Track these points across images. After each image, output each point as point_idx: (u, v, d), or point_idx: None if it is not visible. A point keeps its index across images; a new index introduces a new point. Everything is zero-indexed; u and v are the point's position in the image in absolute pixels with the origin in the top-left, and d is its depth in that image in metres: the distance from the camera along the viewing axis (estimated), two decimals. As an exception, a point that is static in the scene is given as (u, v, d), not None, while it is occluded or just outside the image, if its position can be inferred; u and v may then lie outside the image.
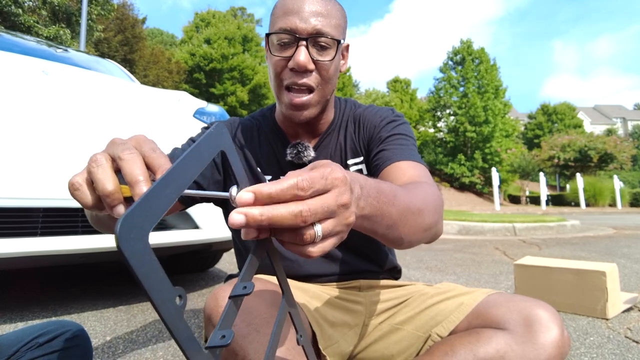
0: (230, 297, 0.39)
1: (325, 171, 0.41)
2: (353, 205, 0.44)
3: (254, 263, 0.43)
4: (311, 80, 0.83)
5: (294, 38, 0.81)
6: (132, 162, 0.45)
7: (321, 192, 0.41)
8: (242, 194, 0.38)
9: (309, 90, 0.85)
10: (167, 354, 1.29)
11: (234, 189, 0.41)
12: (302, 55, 0.81)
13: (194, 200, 0.94)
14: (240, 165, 0.47)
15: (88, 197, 0.48)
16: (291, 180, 0.39)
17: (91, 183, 0.47)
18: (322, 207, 0.40)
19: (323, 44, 0.83)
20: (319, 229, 0.40)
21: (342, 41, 0.86)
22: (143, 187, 0.44)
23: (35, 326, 0.71)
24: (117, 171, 0.47)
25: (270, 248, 0.46)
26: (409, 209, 0.60)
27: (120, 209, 0.46)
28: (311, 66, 0.82)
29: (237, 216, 0.37)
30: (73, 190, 0.48)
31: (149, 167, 0.46)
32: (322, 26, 0.81)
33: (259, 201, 0.38)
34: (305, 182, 0.39)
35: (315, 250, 0.41)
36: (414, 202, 0.62)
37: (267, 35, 0.86)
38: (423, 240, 0.69)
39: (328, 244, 0.42)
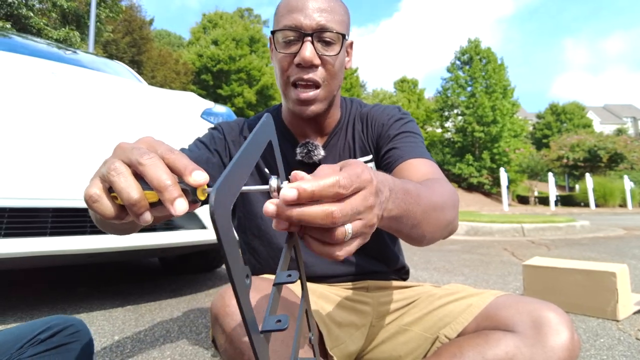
0: (274, 285, 0.40)
1: (357, 171, 0.42)
2: (377, 207, 0.45)
3: (287, 254, 0.44)
4: (317, 75, 0.84)
5: (299, 34, 0.82)
6: (155, 167, 0.43)
7: (356, 192, 0.41)
8: (286, 191, 0.38)
9: (316, 85, 0.85)
10: (174, 353, 1.30)
11: (273, 180, 0.41)
12: (308, 51, 0.81)
13: (202, 202, 0.94)
14: (280, 157, 0.48)
15: (109, 208, 0.45)
16: (332, 178, 0.39)
17: (109, 192, 0.46)
18: (352, 209, 0.40)
19: (328, 39, 0.83)
20: (349, 227, 0.41)
21: (346, 37, 0.86)
22: (174, 191, 0.42)
23: (37, 322, 0.71)
24: (136, 177, 0.45)
25: (296, 243, 0.47)
26: (431, 207, 0.62)
27: (148, 216, 0.44)
28: (317, 61, 0.83)
29: (271, 206, 0.39)
30: (92, 202, 0.45)
31: (171, 169, 0.44)
32: (326, 21, 0.82)
33: (301, 199, 0.38)
34: (346, 181, 0.40)
35: (342, 252, 0.42)
36: (435, 200, 0.64)
37: (272, 33, 0.87)
38: (442, 236, 0.72)
39: (354, 246, 0.43)
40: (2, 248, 1.36)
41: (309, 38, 0.82)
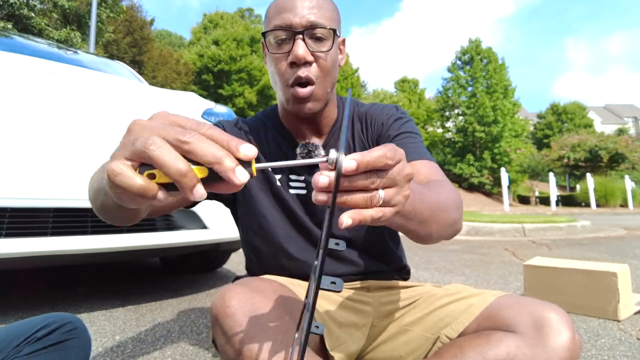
0: (322, 249, 0.43)
1: (394, 146, 0.46)
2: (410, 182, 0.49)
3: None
4: (311, 72, 0.84)
5: (290, 33, 0.83)
6: (202, 141, 0.40)
7: (397, 162, 0.46)
8: (347, 162, 0.41)
9: (310, 83, 0.86)
10: (175, 353, 1.30)
11: (333, 152, 0.42)
12: (301, 48, 0.82)
13: (206, 197, 0.94)
14: (346, 131, 0.48)
15: (134, 180, 0.39)
16: (381, 151, 0.43)
17: (135, 168, 0.41)
18: (392, 176, 0.45)
19: (319, 35, 0.84)
20: (382, 194, 0.44)
21: (337, 32, 0.86)
22: (232, 160, 0.39)
23: (34, 320, 0.71)
24: None
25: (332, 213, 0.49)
26: (436, 206, 0.65)
27: (201, 190, 0.40)
28: (310, 58, 0.83)
29: (324, 178, 0.41)
30: (114, 176, 0.40)
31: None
32: (316, 18, 0.83)
33: (359, 169, 0.42)
34: (390, 153, 0.44)
35: (375, 212, 0.45)
36: (439, 199, 0.67)
37: (264, 35, 0.87)
38: (448, 235, 0.73)
39: (388, 212, 0.46)
40: (3, 248, 1.36)
41: (300, 35, 0.82)
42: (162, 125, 0.41)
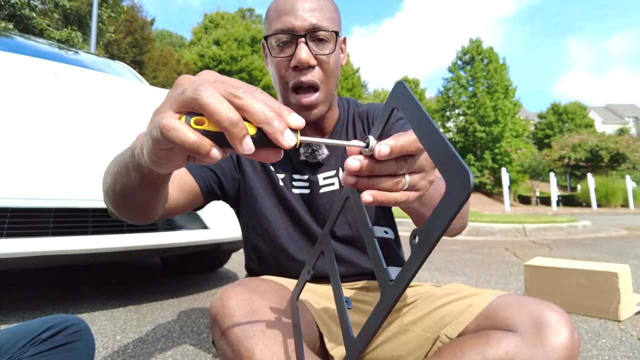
0: (376, 237, 0.45)
1: None
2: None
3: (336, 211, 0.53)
4: (315, 76, 0.84)
5: (292, 36, 0.83)
6: (255, 99, 0.39)
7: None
8: (382, 147, 0.42)
9: (315, 88, 0.85)
10: (176, 353, 1.30)
11: (372, 139, 0.43)
12: (304, 52, 0.82)
13: (214, 195, 0.95)
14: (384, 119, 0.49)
15: (188, 135, 0.37)
16: (412, 136, 0.43)
17: (186, 123, 0.39)
18: (418, 163, 0.46)
19: (321, 37, 0.84)
20: (408, 179, 0.45)
21: (339, 33, 0.86)
22: (282, 122, 0.39)
23: (39, 321, 0.71)
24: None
25: (357, 199, 0.49)
26: None
27: (250, 143, 0.38)
28: (313, 62, 0.83)
29: (354, 162, 0.43)
30: (167, 130, 0.38)
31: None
32: (317, 20, 0.82)
33: (392, 154, 0.42)
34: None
35: (400, 196, 0.45)
36: None
37: (265, 38, 0.87)
38: (458, 227, 0.76)
39: (412, 196, 0.47)
40: (5, 248, 1.36)
41: (303, 39, 0.82)
42: (212, 80, 0.40)
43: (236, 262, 3.10)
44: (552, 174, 17.15)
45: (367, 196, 0.43)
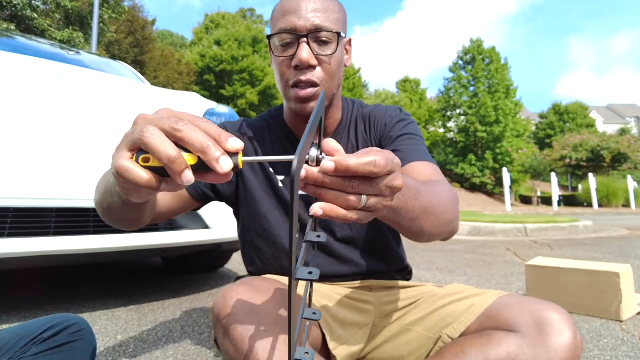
0: (305, 241, 0.48)
1: (391, 156, 0.46)
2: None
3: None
4: (315, 76, 0.84)
5: (295, 36, 0.83)
6: (193, 131, 0.42)
7: (388, 174, 0.45)
8: (326, 163, 0.43)
9: (314, 85, 0.86)
10: (177, 353, 1.30)
11: (313, 150, 0.45)
12: (305, 52, 0.82)
13: (208, 198, 0.96)
14: (322, 128, 0.52)
15: (142, 175, 0.43)
16: (370, 157, 0.43)
17: (136, 160, 0.44)
18: (376, 187, 0.45)
19: (324, 38, 0.84)
20: (364, 199, 0.45)
21: (342, 35, 0.86)
22: (217, 149, 0.42)
23: (40, 320, 0.71)
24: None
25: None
26: (430, 204, 0.65)
27: (190, 175, 0.42)
28: (313, 62, 0.83)
29: (303, 171, 0.44)
30: (123, 172, 0.43)
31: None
32: (320, 21, 0.82)
33: (338, 172, 0.43)
34: (382, 162, 0.44)
35: (352, 215, 0.45)
36: (434, 198, 0.67)
37: (269, 37, 0.87)
38: (442, 234, 0.74)
39: (363, 217, 0.47)
40: (6, 248, 1.36)
41: (305, 39, 0.82)
42: (160, 117, 0.44)
43: (237, 262, 3.10)
44: (553, 174, 17.12)
45: (317, 209, 0.44)
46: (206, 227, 1.87)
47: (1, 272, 2.47)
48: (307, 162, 0.45)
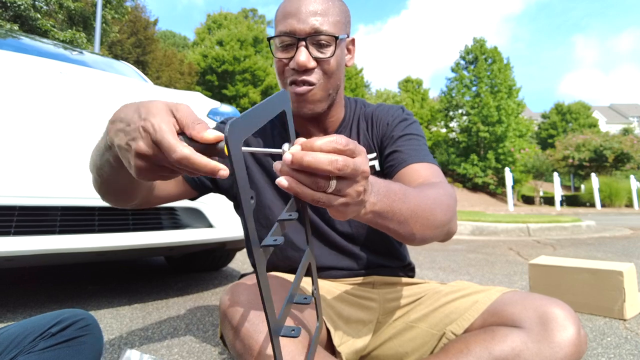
0: (277, 220, 0.50)
1: (355, 141, 0.49)
2: (368, 182, 0.52)
3: (292, 204, 0.54)
4: (312, 77, 0.86)
5: (294, 39, 0.84)
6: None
7: (352, 155, 0.48)
8: (293, 147, 0.47)
9: (310, 84, 0.87)
10: (182, 350, 1.31)
11: (286, 145, 0.48)
12: (302, 56, 0.83)
13: (206, 188, 0.98)
14: (293, 127, 0.55)
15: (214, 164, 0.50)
16: (332, 137, 0.47)
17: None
18: (349, 165, 0.46)
19: (322, 41, 0.85)
20: (333, 183, 0.47)
21: (341, 37, 0.87)
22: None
23: (48, 315, 0.72)
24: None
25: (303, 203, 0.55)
26: (419, 207, 0.65)
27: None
28: (311, 64, 0.85)
29: (277, 164, 0.47)
30: (192, 163, 0.50)
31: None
32: (319, 25, 0.84)
33: (304, 149, 0.46)
34: (343, 140, 0.47)
35: (320, 196, 0.47)
36: (425, 201, 0.67)
37: (270, 39, 0.89)
38: (436, 237, 0.72)
39: (334, 200, 0.49)
40: (12, 246, 1.37)
41: (303, 42, 0.84)
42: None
43: (240, 261, 3.11)
44: (555, 174, 17.07)
45: (283, 180, 0.46)
46: (210, 226, 1.88)
47: (7, 270, 2.49)
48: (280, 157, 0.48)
